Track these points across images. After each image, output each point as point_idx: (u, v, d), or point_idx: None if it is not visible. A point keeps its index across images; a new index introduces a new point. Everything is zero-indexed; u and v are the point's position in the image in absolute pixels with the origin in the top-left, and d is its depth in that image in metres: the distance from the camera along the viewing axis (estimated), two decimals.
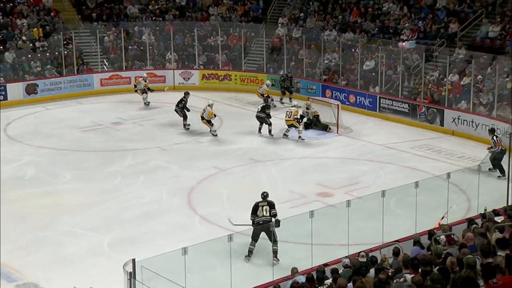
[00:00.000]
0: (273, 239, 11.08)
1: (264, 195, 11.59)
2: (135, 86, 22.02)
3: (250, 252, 11.32)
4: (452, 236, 9.25)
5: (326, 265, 9.70)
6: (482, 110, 18.56)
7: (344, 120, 19.16)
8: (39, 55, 23.54)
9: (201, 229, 12.80)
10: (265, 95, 20.86)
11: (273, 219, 11.24)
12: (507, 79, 18.43)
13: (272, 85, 22.28)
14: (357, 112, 20.81)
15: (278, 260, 11.07)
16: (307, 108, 19.20)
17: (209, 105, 18.29)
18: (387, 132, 18.95)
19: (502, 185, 12.56)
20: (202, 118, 18.39)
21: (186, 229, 12.82)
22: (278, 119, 19.06)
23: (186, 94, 19.57)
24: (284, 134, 18.28)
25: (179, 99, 19.40)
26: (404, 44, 21.10)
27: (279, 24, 25.61)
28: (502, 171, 14.63)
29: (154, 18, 26.39)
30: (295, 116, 18.01)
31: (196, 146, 17.89)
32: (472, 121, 18.36)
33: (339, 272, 8.89)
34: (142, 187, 14.90)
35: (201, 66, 24.93)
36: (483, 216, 10.30)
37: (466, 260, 6.20)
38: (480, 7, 21.83)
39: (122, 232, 12.71)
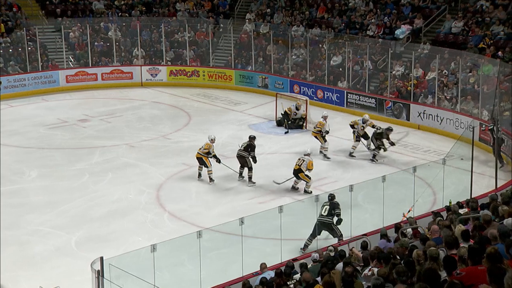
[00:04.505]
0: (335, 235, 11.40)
1: (331, 197, 11.62)
2: None
3: (306, 246, 11.42)
4: (418, 229, 9.42)
5: (295, 260, 9.77)
6: (447, 105, 18.88)
7: (312, 116, 19.27)
8: (1, 51, 23.08)
9: (170, 226, 12.76)
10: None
11: (335, 218, 11.41)
12: (470, 73, 18.77)
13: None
14: (325, 107, 20.94)
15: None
16: (296, 108, 19.03)
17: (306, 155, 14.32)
18: None
19: (466, 178, 12.81)
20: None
21: (155, 226, 12.77)
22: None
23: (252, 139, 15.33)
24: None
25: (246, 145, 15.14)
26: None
27: (247, 20, 25.61)
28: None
29: (120, 14, 26.12)
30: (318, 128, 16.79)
31: (164, 142, 17.79)
32: (437, 116, 18.66)
33: (308, 266, 8.97)
34: (110, 185, 14.76)
35: (168, 62, 24.77)
36: (448, 209, 10.50)
37: (429, 253, 6.31)
38: (443, 2, 22.17)
39: (90, 230, 12.57)
